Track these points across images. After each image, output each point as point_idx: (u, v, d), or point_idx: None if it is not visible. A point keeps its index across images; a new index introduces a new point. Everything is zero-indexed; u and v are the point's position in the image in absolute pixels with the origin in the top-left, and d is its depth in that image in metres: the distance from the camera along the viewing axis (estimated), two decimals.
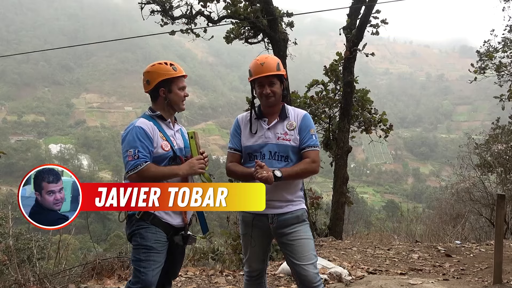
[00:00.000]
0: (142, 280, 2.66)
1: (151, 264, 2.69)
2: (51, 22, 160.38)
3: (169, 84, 2.88)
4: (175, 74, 2.87)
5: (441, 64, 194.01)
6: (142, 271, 2.67)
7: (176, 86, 2.89)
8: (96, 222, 52.18)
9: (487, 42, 12.06)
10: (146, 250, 2.70)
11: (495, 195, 7.91)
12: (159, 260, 2.74)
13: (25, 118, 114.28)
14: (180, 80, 2.91)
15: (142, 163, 2.67)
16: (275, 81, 2.86)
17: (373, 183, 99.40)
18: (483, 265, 5.77)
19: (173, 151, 2.83)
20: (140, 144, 2.71)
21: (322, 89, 9.76)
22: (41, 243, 7.51)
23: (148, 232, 2.72)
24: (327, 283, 4.75)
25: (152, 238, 2.71)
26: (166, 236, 2.77)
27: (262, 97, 2.89)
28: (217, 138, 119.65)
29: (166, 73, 2.86)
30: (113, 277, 4.91)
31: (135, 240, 2.76)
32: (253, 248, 2.95)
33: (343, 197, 8.94)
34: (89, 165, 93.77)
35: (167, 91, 2.88)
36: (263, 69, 2.84)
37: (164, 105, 2.91)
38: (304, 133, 2.89)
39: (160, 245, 2.74)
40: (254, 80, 2.90)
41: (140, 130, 2.75)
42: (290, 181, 2.85)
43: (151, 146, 2.75)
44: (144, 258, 2.69)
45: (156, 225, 2.73)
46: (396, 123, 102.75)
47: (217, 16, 9.17)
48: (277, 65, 2.87)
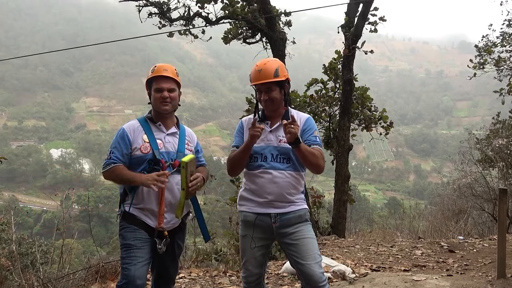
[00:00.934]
0: (126, 275, 2.72)
1: (132, 259, 2.74)
2: (49, 27, 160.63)
3: (150, 85, 2.95)
4: (151, 75, 2.92)
5: (440, 60, 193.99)
6: (125, 267, 2.74)
7: (153, 86, 2.92)
8: (99, 226, 52.23)
9: (486, 37, 12.04)
10: (126, 248, 2.78)
11: (497, 190, 7.90)
12: (141, 255, 2.77)
13: (25, 124, 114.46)
14: (158, 81, 2.90)
15: (111, 163, 2.79)
16: (274, 88, 2.85)
17: (374, 181, 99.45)
18: (487, 260, 5.76)
19: (153, 154, 2.83)
20: (116, 146, 2.84)
21: (322, 87, 9.76)
22: (44, 248, 7.52)
23: (127, 231, 2.82)
24: (331, 281, 4.75)
25: (131, 236, 2.79)
26: (148, 234, 2.81)
27: (261, 102, 2.91)
28: (217, 139, 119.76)
29: (148, 75, 2.96)
30: (116, 280, 4.91)
31: (120, 241, 2.87)
32: (252, 250, 2.91)
33: (345, 195, 8.93)
34: (91, 169, 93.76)
35: (149, 93, 2.96)
36: (260, 76, 2.84)
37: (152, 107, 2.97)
38: (308, 134, 2.91)
39: (140, 242, 2.78)
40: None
41: (121, 132, 2.88)
42: (292, 181, 2.86)
43: (126, 148, 2.83)
44: (125, 255, 2.77)
45: (135, 224, 2.81)
46: (397, 120, 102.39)
47: (215, 17, 9.16)
48: (275, 71, 2.83)
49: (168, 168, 2.85)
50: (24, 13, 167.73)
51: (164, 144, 2.90)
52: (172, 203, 2.84)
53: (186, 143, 3.02)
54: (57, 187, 67.45)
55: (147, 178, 2.72)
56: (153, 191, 2.77)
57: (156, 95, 2.89)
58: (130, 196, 2.83)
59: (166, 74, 2.90)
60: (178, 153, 2.92)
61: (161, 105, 2.90)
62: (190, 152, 3.02)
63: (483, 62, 11.71)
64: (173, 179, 2.85)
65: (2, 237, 7.66)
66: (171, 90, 2.92)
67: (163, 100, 2.88)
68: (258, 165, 2.87)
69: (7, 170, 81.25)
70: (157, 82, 2.90)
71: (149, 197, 2.81)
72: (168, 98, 2.89)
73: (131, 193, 2.83)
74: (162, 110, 2.92)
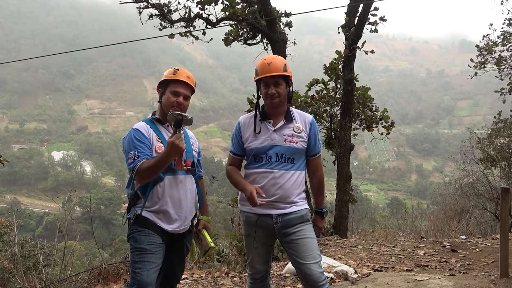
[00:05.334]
0: (137, 281, 2.69)
1: (145, 265, 2.71)
2: (50, 30, 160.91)
3: (165, 85, 2.92)
4: (172, 77, 2.88)
5: (441, 60, 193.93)
6: (137, 272, 2.70)
7: (170, 89, 2.88)
8: (101, 228, 52.35)
9: (486, 36, 12.04)
10: (139, 252, 2.73)
11: (499, 189, 7.89)
12: (154, 261, 2.74)
13: (27, 126, 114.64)
14: (178, 85, 2.88)
15: (137, 162, 2.69)
16: (281, 82, 2.84)
17: (376, 181, 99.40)
18: (489, 259, 5.75)
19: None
20: (139, 145, 2.75)
21: (323, 88, 9.76)
22: (46, 250, 7.53)
23: (141, 235, 2.75)
24: (333, 282, 4.74)
25: (145, 240, 2.74)
26: (162, 238, 2.79)
27: (267, 97, 2.87)
28: (219, 140, 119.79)
29: (166, 75, 2.92)
30: (119, 282, 4.92)
31: (130, 244, 2.82)
32: (256, 249, 2.94)
33: (347, 195, 8.92)
34: (92, 171, 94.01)
35: (162, 93, 2.92)
36: (270, 69, 2.82)
37: (160, 107, 2.94)
38: (313, 140, 2.93)
39: (154, 247, 2.75)
40: (260, 80, 2.88)
41: (136, 132, 2.80)
42: (294, 182, 2.87)
43: (149, 143, 2.78)
44: (138, 259, 2.73)
45: (149, 228, 2.76)
46: (398, 120, 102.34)
47: (215, 18, 9.17)
48: (284, 66, 2.85)
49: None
50: (25, 16, 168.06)
51: None
52: (183, 204, 2.84)
53: (191, 144, 3.02)
54: (59, 189, 67.71)
55: (169, 143, 2.63)
56: (167, 192, 2.77)
57: (171, 98, 2.86)
58: (143, 199, 2.78)
59: (188, 82, 2.90)
60: (187, 153, 2.92)
61: (173, 110, 2.87)
62: (195, 154, 3.03)
63: (484, 62, 11.70)
64: (186, 180, 2.87)
65: (4, 240, 7.68)
66: (186, 98, 2.91)
67: (177, 105, 2.85)
68: (261, 165, 2.86)
69: (9, 173, 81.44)
70: (176, 85, 2.87)
71: (164, 198, 2.77)
72: (182, 105, 2.87)
73: (144, 196, 2.78)
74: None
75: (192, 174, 2.94)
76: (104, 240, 38.15)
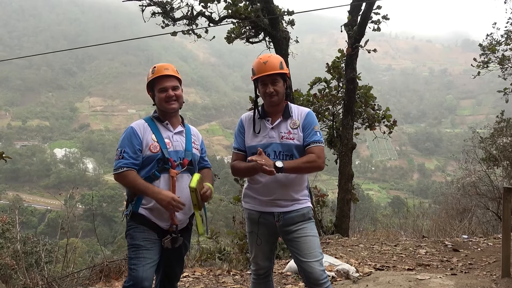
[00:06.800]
0: (133, 277, 2.71)
1: (141, 260, 2.73)
2: (53, 27, 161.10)
3: (152, 87, 2.95)
4: (152, 76, 2.91)
5: (444, 59, 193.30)
6: (133, 268, 2.73)
7: (156, 87, 2.91)
8: (103, 225, 52.45)
9: (490, 35, 11.99)
10: (135, 248, 2.77)
11: (501, 189, 7.87)
12: (150, 257, 2.76)
13: (29, 124, 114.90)
14: (160, 81, 2.89)
15: (124, 166, 2.75)
16: (278, 80, 2.85)
17: (378, 180, 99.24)
18: (491, 259, 5.74)
19: (162, 153, 2.82)
20: (127, 144, 2.79)
21: (325, 86, 9.74)
22: (48, 247, 7.56)
23: (136, 231, 2.79)
24: (335, 280, 4.74)
25: (140, 236, 2.78)
26: (157, 234, 2.81)
27: (265, 96, 2.87)
28: (221, 139, 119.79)
29: (148, 77, 2.96)
30: (121, 279, 4.94)
31: (127, 241, 2.86)
32: (259, 246, 2.96)
33: (348, 194, 8.92)
34: (94, 168, 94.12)
35: (153, 95, 2.95)
36: (266, 68, 2.83)
37: (157, 107, 2.97)
38: (308, 130, 2.87)
39: (149, 243, 2.78)
40: (257, 79, 2.88)
41: (131, 130, 2.85)
42: (296, 180, 2.85)
43: (138, 143, 2.80)
44: (134, 256, 2.76)
45: (145, 224, 2.79)
46: (400, 119, 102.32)
47: (218, 16, 9.16)
48: (280, 64, 2.85)
49: (177, 167, 2.85)
50: (27, 14, 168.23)
51: (173, 143, 2.89)
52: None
53: (192, 142, 3.01)
54: (61, 186, 67.76)
55: (162, 199, 2.70)
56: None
57: (161, 95, 2.88)
58: (140, 196, 2.81)
59: (168, 73, 2.89)
60: (186, 151, 2.93)
61: (167, 105, 2.89)
62: (196, 151, 3.02)
63: (487, 61, 11.66)
64: (183, 178, 2.86)
65: (6, 236, 7.71)
66: (175, 88, 2.91)
67: (169, 99, 2.88)
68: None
69: (11, 170, 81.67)
70: (160, 82, 2.89)
71: None
72: (174, 96, 2.89)
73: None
74: (170, 109, 2.91)
75: (190, 172, 2.93)
76: (106, 238, 38.23)
